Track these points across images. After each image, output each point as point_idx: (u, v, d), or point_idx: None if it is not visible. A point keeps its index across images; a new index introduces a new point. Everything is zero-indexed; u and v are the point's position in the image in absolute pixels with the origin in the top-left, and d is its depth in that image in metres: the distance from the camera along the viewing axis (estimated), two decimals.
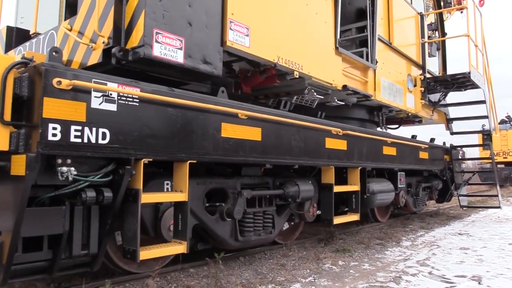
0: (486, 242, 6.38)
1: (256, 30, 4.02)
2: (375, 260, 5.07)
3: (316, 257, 5.04)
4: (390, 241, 6.36)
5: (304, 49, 4.67)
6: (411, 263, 4.85)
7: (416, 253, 5.52)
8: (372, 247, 5.86)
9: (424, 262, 4.91)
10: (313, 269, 4.53)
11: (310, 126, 4.70)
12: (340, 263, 4.83)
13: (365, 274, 4.39)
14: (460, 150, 9.56)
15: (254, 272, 4.42)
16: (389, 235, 6.77)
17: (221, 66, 3.69)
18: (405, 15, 7.31)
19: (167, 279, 4.04)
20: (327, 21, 5.12)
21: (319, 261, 4.87)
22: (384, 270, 4.53)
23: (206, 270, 4.27)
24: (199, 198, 4.01)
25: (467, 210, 10.56)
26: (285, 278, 4.16)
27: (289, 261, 4.86)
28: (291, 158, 4.47)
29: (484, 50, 8.45)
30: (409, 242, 6.41)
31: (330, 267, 4.65)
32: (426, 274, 4.37)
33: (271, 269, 4.52)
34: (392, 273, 4.40)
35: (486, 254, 5.42)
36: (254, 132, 4.00)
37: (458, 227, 8.12)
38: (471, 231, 7.52)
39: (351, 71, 5.71)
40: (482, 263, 4.92)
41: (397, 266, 4.69)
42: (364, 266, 4.78)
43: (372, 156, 6.03)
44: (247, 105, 3.98)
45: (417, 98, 7.55)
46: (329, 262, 4.82)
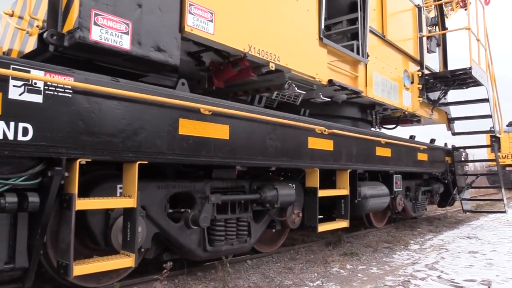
0: (495, 245, 6.29)
1: (222, 16, 3.59)
2: (383, 264, 5.03)
3: (324, 260, 5.00)
4: (398, 245, 6.28)
5: (281, 38, 4.23)
6: (420, 267, 4.80)
7: (424, 256, 5.46)
8: (380, 251, 5.82)
9: (433, 266, 4.86)
10: (321, 273, 4.49)
11: (289, 124, 4.25)
12: (348, 267, 4.79)
13: (373, 278, 4.35)
14: (463, 152, 9.04)
15: (261, 275, 4.40)
16: (397, 239, 6.70)
17: (178, 54, 3.26)
18: (401, 7, 6.84)
19: (175, 283, 3.97)
20: (310, 9, 4.67)
21: (327, 265, 4.83)
22: (393, 274, 4.49)
23: (214, 274, 4.24)
24: (160, 204, 3.58)
25: (476, 214, 10.29)
26: (293, 281, 4.12)
27: (297, 264, 4.81)
28: (266, 159, 4.02)
29: (487, 45, 7.95)
30: (418, 245, 6.35)
31: (338, 271, 4.61)
32: (435, 278, 4.32)
33: (278, 272, 4.49)
34: (401, 277, 4.36)
35: (495, 258, 5.34)
36: (221, 129, 3.56)
37: (466, 230, 8.03)
38: (480, 234, 7.41)
39: (339, 65, 5.25)
40: (492, 267, 4.84)
41: (406, 270, 4.66)
42: (372, 269, 4.74)
43: (363, 157, 5.56)
44: (212, 99, 3.55)
45: (415, 95, 7.07)
46: (337, 266, 4.78)
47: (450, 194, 8.80)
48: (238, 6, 3.76)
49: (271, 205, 4.36)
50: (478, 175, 9.38)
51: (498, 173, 8.84)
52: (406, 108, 6.81)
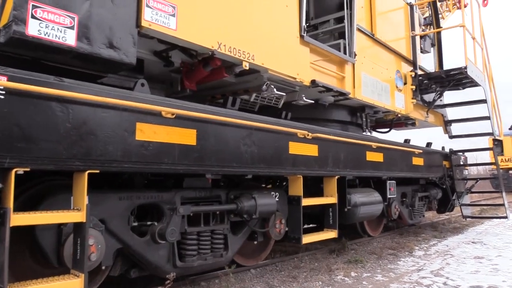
0: (501, 250, 6.23)
1: (186, 10, 3.28)
2: (388, 271, 4.99)
3: (328, 268, 4.96)
4: (403, 251, 6.22)
5: (257, 36, 3.93)
6: (425, 274, 4.75)
7: (429, 263, 5.41)
8: (384, 257, 5.76)
9: (438, 272, 4.81)
10: (326, 281, 4.45)
11: (266, 128, 3.94)
12: (353, 275, 4.74)
13: (379, 285, 4.31)
14: (462, 155, 8.68)
15: (265, 284, 4.35)
16: (401, 245, 6.62)
17: (134, 52, 2.96)
18: (391, 5, 6.54)
19: None
20: (289, 4, 4.37)
21: (331, 273, 4.78)
22: (398, 281, 4.44)
23: (218, 284, 4.20)
24: (123, 216, 3.26)
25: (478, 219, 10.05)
26: None
27: (301, 273, 4.76)
28: (241, 167, 3.70)
29: (483, 44, 7.63)
30: (422, 251, 6.29)
31: (342, 279, 4.56)
32: (440, 285, 4.27)
33: (282, 281, 4.43)
34: (406, 284, 4.31)
35: (501, 263, 5.29)
36: (187, 134, 3.25)
37: (471, 235, 7.95)
38: (484, 239, 7.35)
39: (324, 65, 4.94)
40: (498, 273, 4.79)
41: (411, 277, 4.60)
42: (377, 277, 4.69)
43: (352, 163, 5.23)
44: (177, 101, 3.23)
45: (408, 97, 6.74)
46: (341, 274, 4.72)
47: (449, 199, 8.45)
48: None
49: (249, 215, 4.04)
50: (478, 179, 9.02)
51: (499, 177, 8.47)
52: (399, 110, 6.48)
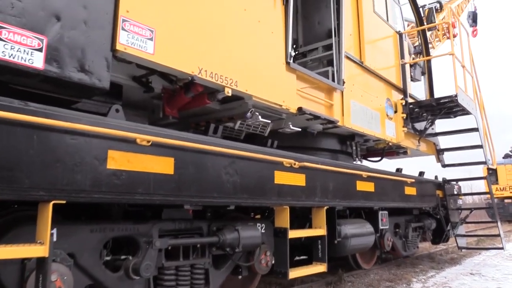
0: (500, 282, 6.17)
1: (165, 34, 3.18)
2: None
3: None
4: (400, 283, 6.12)
5: (240, 61, 3.82)
6: None
7: None
8: None
9: None
10: None
11: (250, 156, 3.77)
12: None
13: None
14: (455, 185, 8.53)
15: None
16: (398, 277, 6.51)
17: (107, 76, 2.82)
18: (380, 33, 6.52)
19: None
20: (275, 31, 4.30)
21: None
22: None
23: None
24: (94, 250, 3.05)
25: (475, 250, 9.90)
26: None
27: None
28: (222, 197, 3.51)
29: (473, 72, 7.61)
30: (420, 283, 6.17)
31: None
32: None
33: None
34: None
35: None
36: (164, 163, 3.08)
37: (469, 266, 7.89)
38: (483, 270, 7.27)
39: (311, 92, 4.84)
40: None
41: None
42: None
43: (342, 193, 5.05)
44: (154, 128, 3.08)
45: (399, 125, 6.64)
46: None
47: (443, 230, 8.24)
48: (186, 24, 3.36)
49: (232, 249, 3.83)
50: (472, 209, 8.84)
51: (493, 207, 8.30)
52: (390, 139, 6.37)
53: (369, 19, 6.10)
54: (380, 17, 6.51)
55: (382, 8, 6.66)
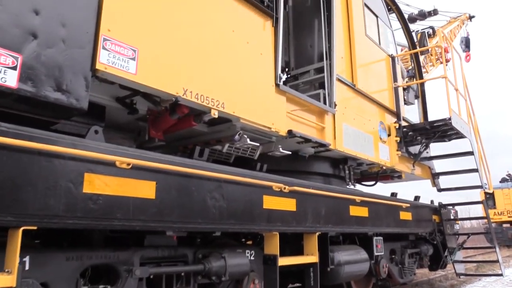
0: None
1: (148, 54, 3.09)
2: None
3: None
4: None
5: (227, 82, 3.74)
6: None
7: None
8: None
9: None
10: None
11: (237, 180, 3.64)
12: None
13: None
14: (452, 209, 8.38)
15: None
16: None
17: (86, 96, 2.72)
18: (372, 56, 6.50)
19: None
20: (264, 52, 4.23)
21: None
22: None
23: None
24: (70, 279, 2.87)
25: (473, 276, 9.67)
26: None
27: None
28: (207, 223, 3.36)
29: (467, 95, 7.58)
30: None
31: None
32: None
33: None
34: None
35: None
36: (145, 186, 2.94)
37: None
38: None
39: (302, 115, 4.75)
40: None
41: None
42: None
43: (335, 218, 4.90)
44: (135, 150, 2.96)
45: (393, 149, 6.54)
46: None
47: (440, 256, 8.05)
48: (171, 44, 3.28)
49: (218, 277, 3.65)
50: (469, 235, 8.68)
51: (491, 231, 8.14)
52: (384, 162, 6.26)
53: (360, 42, 6.08)
54: (372, 40, 6.50)
55: (374, 32, 6.66)
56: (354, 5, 6.07)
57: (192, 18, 3.51)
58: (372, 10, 6.71)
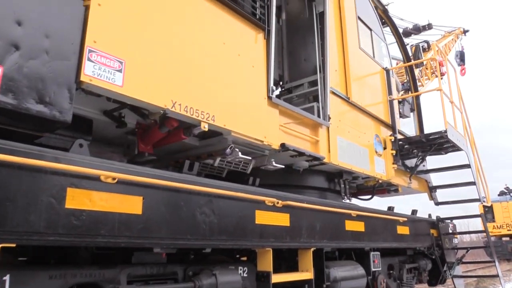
0: None
1: (136, 65, 3.03)
2: None
3: None
4: None
5: (218, 95, 3.67)
6: None
7: None
8: None
9: None
10: None
11: (228, 195, 3.55)
12: None
13: None
14: (450, 223, 8.27)
15: None
16: None
17: (70, 109, 2.64)
18: (367, 69, 6.47)
19: None
20: (256, 65, 4.19)
21: None
22: None
23: None
24: None
25: None
26: None
27: None
28: (197, 239, 3.26)
29: (462, 108, 7.55)
30: None
31: None
32: None
33: None
34: None
35: None
36: (131, 202, 2.85)
37: None
38: None
39: (295, 128, 4.68)
40: None
41: None
42: None
43: (330, 233, 4.80)
44: (121, 164, 2.87)
45: (389, 162, 6.47)
46: None
47: (439, 271, 7.91)
48: (159, 55, 3.22)
49: None
50: (468, 249, 8.55)
51: (490, 245, 8.02)
52: (380, 176, 6.17)
53: (354, 55, 6.05)
54: (366, 53, 6.48)
55: (368, 45, 6.65)
56: (347, 18, 6.06)
57: (182, 30, 3.47)
58: (365, 23, 6.71)
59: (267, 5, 4.42)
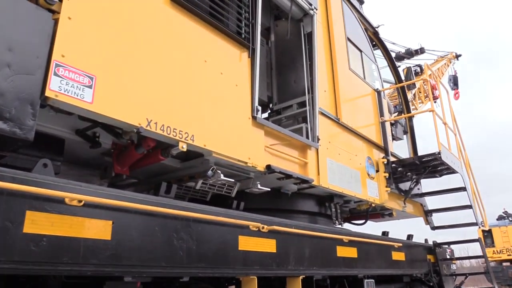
0: None
1: (107, 81, 2.87)
2: None
3: None
4: None
5: (198, 114, 3.51)
6: None
7: None
8: None
9: None
10: None
11: (208, 219, 3.35)
12: None
13: None
14: (448, 248, 8.01)
15: None
16: None
17: (33, 126, 2.47)
18: (357, 90, 6.36)
19: None
20: (240, 84, 4.05)
21: None
22: None
23: None
24: None
25: None
26: None
27: None
28: (173, 267, 3.04)
29: (456, 130, 7.41)
30: None
31: None
32: None
33: None
34: None
35: None
36: (99, 226, 2.64)
37: None
38: None
39: (283, 149, 4.51)
40: None
41: None
42: None
43: (320, 260, 4.56)
44: (88, 186, 2.68)
45: (382, 185, 6.27)
46: None
47: None
48: (134, 72, 3.07)
49: None
50: (467, 275, 8.25)
51: (489, 271, 7.74)
52: (373, 199, 5.97)
53: (344, 75, 5.95)
54: (357, 74, 6.38)
55: (359, 66, 6.56)
56: (336, 39, 5.98)
57: (159, 46, 3.33)
58: (355, 44, 6.64)
59: (252, 23, 4.32)
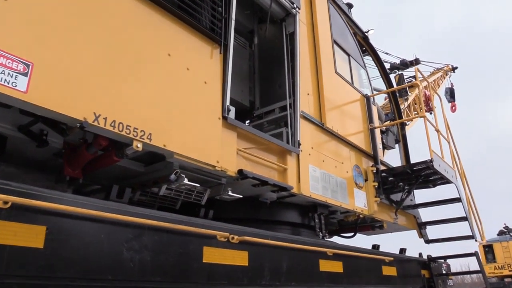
0: None
1: (47, 70, 2.56)
2: None
3: None
4: None
5: (157, 110, 3.19)
6: None
7: None
8: None
9: None
10: None
11: (167, 227, 3.00)
12: None
13: None
14: (443, 263, 7.61)
15: None
16: None
17: None
18: (344, 94, 6.06)
19: None
20: (209, 81, 3.74)
21: None
22: None
23: None
24: None
25: None
26: None
27: None
28: (121, 280, 2.68)
29: (450, 138, 7.09)
30: None
31: None
32: None
33: None
34: None
35: None
36: (29, 232, 2.30)
37: None
38: None
39: (259, 154, 4.18)
40: None
41: None
42: None
43: (300, 275, 4.20)
44: (17, 185, 2.34)
45: (371, 195, 5.92)
46: None
47: None
48: (80, 59, 2.76)
49: None
50: None
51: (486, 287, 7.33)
52: (361, 210, 5.61)
53: (330, 79, 5.65)
54: (344, 78, 6.09)
55: (346, 70, 6.28)
56: (321, 40, 5.71)
57: (111, 34, 3.03)
58: (343, 48, 6.37)
59: (224, 17, 4.03)
